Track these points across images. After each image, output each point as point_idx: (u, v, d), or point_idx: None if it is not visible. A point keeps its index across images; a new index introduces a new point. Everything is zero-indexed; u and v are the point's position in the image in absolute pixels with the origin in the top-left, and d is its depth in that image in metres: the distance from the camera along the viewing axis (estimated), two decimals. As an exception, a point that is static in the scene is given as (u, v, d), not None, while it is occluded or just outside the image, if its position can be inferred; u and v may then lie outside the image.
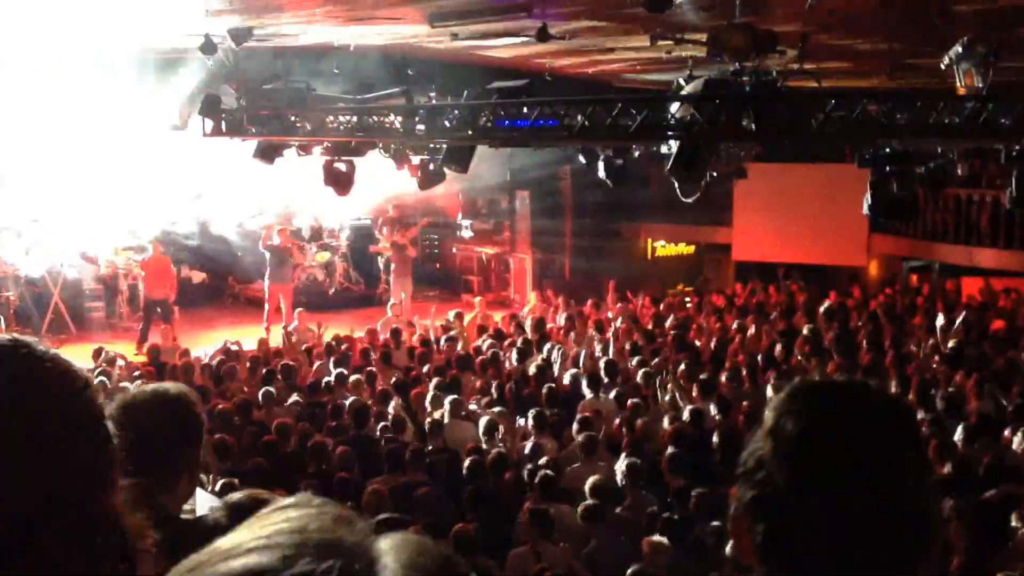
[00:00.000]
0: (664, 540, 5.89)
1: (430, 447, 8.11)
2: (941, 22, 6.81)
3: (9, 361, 1.15)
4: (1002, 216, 14.72)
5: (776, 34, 7.81)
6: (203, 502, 2.50)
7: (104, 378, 9.93)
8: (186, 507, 2.29)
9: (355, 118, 11.10)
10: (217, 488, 6.33)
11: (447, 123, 10.11)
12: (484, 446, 8.04)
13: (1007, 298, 14.54)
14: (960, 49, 8.11)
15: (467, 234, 19.37)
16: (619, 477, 7.16)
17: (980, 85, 8.22)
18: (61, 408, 1.16)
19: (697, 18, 8.51)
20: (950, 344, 11.16)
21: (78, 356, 12.56)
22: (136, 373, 10.75)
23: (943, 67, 8.41)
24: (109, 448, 1.20)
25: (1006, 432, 7.94)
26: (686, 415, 8.58)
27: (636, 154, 12.35)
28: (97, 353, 11.55)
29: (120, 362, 11.26)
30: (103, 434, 1.20)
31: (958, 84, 8.38)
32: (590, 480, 6.86)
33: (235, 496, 2.00)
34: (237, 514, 1.87)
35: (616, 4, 8.02)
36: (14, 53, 11.34)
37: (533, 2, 7.98)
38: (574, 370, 10.60)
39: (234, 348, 11.88)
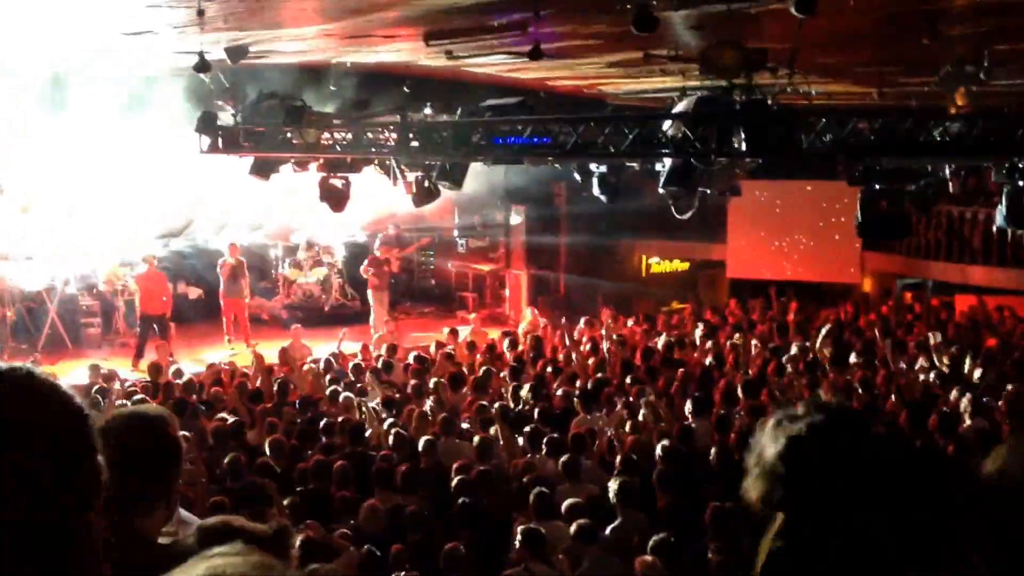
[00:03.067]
0: (655, 559, 5.87)
1: (423, 465, 8.10)
2: (930, 43, 6.87)
3: (9, 385, 1.18)
4: (994, 233, 14.75)
5: (766, 52, 7.88)
6: (188, 527, 2.49)
7: (100, 396, 9.92)
8: (167, 529, 2.29)
9: (350, 135, 11.14)
10: (208, 506, 6.33)
11: (441, 140, 10.16)
12: (479, 465, 8.02)
13: (1000, 315, 14.57)
14: (950, 68, 8.18)
15: (462, 250, 19.41)
16: (611, 496, 7.15)
17: (970, 104, 8.30)
18: (57, 432, 1.19)
19: (689, 37, 8.56)
20: (944, 362, 11.18)
21: (74, 372, 12.58)
22: (132, 390, 10.73)
23: (934, 86, 8.48)
24: (96, 477, 1.24)
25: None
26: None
27: (630, 171, 12.40)
28: (93, 369, 11.54)
29: (117, 384, 11.26)
30: (92, 463, 1.24)
31: (949, 102, 8.46)
32: (566, 503, 6.86)
33: (208, 521, 2.01)
34: (207, 540, 1.88)
35: (608, 23, 8.07)
36: (12, 66, 11.37)
37: (527, 21, 8.03)
38: (567, 388, 10.59)
39: (226, 367, 11.88)
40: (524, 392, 10.44)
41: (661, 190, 8.75)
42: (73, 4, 7.88)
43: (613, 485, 7.17)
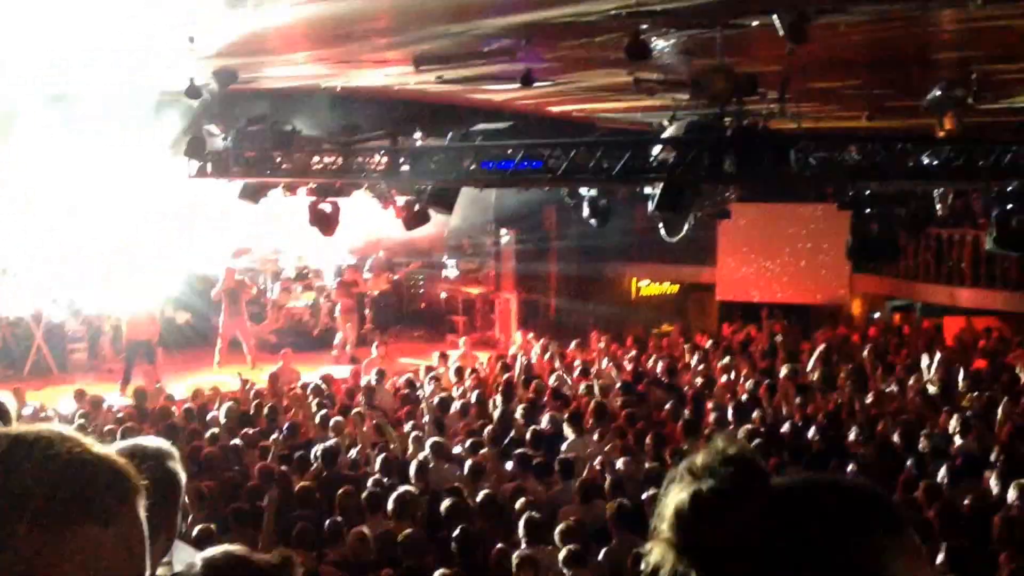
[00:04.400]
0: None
1: (414, 490, 8.04)
2: (918, 68, 6.93)
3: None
4: (982, 256, 14.85)
5: (756, 77, 7.92)
6: (181, 555, 2.46)
7: (84, 421, 9.83)
8: (163, 561, 2.26)
9: (340, 159, 11.13)
10: (194, 534, 6.25)
11: (432, 164, 10.16)
12: (469, 489, 7.97)
13: (988, 337, 14.63)
14: (938, 93, 8.25)
15: (452, 274, 19.39)
16: (607, 518, 7.12)
17: (958, 128, 8.36)
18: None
19: (679, 62, 8.62)
20: (932, 384, 11.21)
21: (60, 398, 12.46)
22: (119, 416, 10.64)
23: (922, 110, 8.55)
24: None
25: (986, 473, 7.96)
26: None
27: (620, 194, 12.44)
28: (79, 395, 11.45)
29: (105, 404, 11.19)
30: None
31: (937, 127, 8.52)
32: (560, 526, 6.82)
33: (211, 553, 1.97)
34: (213, 572, 1.85)
35: (599, 49, 8.11)
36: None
37: (517, 47, 8.06)
38: (558, 411, 10.55)
39: (209, 392, 11.81)
40: (515, 415, 10.41)
41: (651, 214, 8.76)
42: (68, 24, 7.87)
43: (608, 508, 7.14)
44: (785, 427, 9.68)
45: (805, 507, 1.20)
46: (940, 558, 5.81)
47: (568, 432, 9.66)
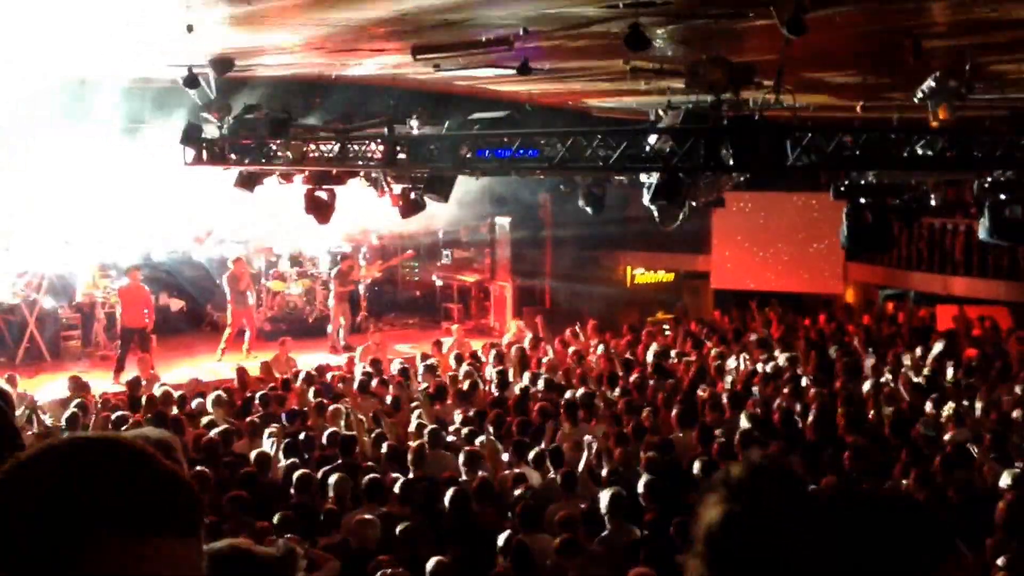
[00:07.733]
0: (650, 571, 5.87)
1: (411, 477, 8.09)
2: (913, 60, 6.95)
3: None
4: (975, 245, 14.91)
5: (752, 67, 7.94)
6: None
7: (79, 410, 9.84)
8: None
9: (336, 147, 11.13)
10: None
11: (428, 153, 10.16)
12: (465, 476, 8.02)
13: (981, 326, 14.70)
14: (933, 83, 8.27)
15: (447, 262, 19.40)
16: (602, 507, 7.16)
17: (952, 118, 8.39)
18: None
19: (676, 52, 8.62)
20: (924, 372, 11.28)
21: (53, 386, 12.47)
22: (112, 403, 10.66)
23: (916, 100, 8.58)
24: None
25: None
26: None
27: (615, 182, 12.45)
28: (73, 382, 11.46)
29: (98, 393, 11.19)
30: None
31: (931, 117, 8.55)
32: (558, 515, 6.87)
33: (216, 546, 1.99)
34: (218, 566, 1.87)
35: (595, 38, 8.12)
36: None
37: (514, 37, 8.06)
38: (553, 399, 10.59)
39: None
40: (510, 403, 10.45)
41: (647, 204, 8.78)
42: (59, 17, 7.85)
43: (604, 496, 7.18)
44: (777, 416, 9.74)
45: (854, 524, 1.16)
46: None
47: (564, 420, 9.71)
